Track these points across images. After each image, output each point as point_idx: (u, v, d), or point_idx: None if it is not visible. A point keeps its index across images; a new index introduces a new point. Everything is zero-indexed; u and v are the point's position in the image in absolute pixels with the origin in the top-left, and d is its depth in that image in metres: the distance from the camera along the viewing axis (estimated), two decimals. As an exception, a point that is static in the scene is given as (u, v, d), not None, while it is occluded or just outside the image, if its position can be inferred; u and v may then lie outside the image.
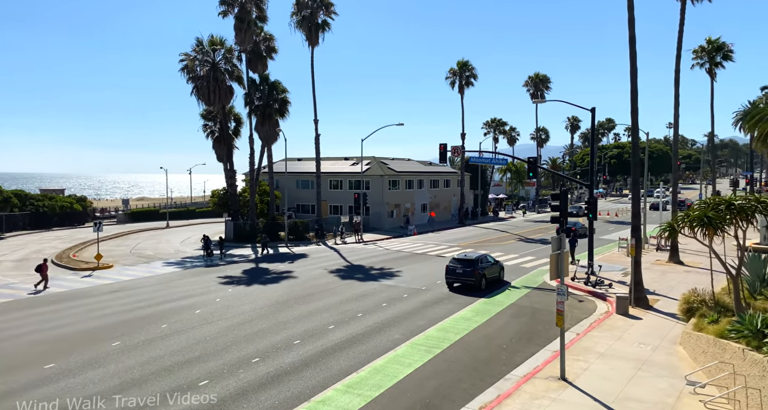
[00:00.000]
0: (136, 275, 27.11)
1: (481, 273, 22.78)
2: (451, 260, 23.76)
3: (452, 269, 23.27)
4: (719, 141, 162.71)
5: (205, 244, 32.63)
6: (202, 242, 33.06)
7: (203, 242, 33.02)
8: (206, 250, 32.43)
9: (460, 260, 23.32)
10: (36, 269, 23.93)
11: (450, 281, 23.47)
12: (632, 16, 19.75)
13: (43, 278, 23.68)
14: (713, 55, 45.74)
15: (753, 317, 11.69)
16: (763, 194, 47.34)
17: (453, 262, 23.52)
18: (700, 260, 27.28)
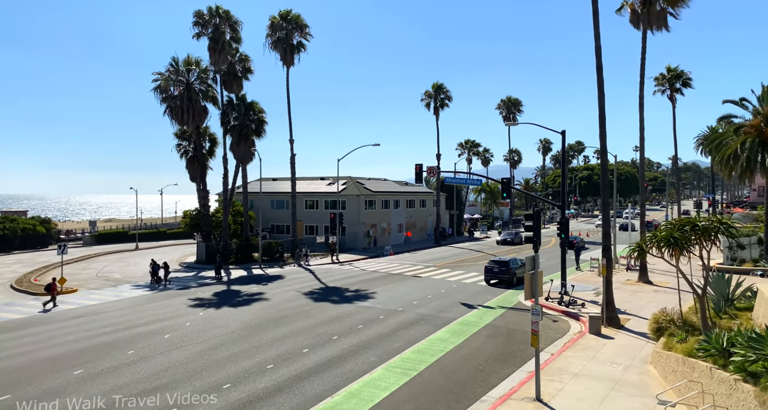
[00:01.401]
0: (102, 300, 26.17)
1: (513, 271, 28.37)
2: (489, 262, 29.81)
3: (490, 269, 28.99)
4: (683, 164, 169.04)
5: (153, 270, 30.59)
6: (150, 269, 30.93)
7: (151, 268, 30.90)
8: (154, 276, 30.41)
9: (496, 261, 29.32)
10: (45, 288, 25.54)
11: (488, 279, 29.08)
12: (599, 45, 20.59)
13: (52, 298, 24.77)
14: (673, 82, 47.96)
15: (719, 336, 12.00)
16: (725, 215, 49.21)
17: (490, 263, 29.43)
18: (668, 279, 28.00)
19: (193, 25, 40.26)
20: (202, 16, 40.15)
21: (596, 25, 20.41)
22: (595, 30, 20.46)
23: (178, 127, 41.65)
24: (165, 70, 39.23)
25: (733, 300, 17.53)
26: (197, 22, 40.14)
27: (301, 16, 42.60)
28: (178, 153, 44.38)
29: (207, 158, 43.85)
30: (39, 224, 53.96)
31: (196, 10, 40.29)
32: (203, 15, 40.17)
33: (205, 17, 40.13)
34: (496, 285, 28.65)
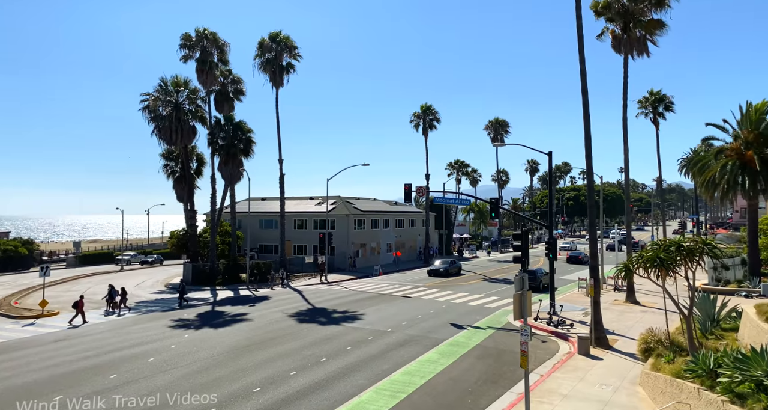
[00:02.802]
0: (87, 322, 25.56)
1: (539, 279, 33.51)
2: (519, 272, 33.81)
3: None
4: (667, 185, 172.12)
5: (110, 295, 28.77)
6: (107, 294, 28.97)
7: (108, 293, 28.95)
8: (110, 301, 28.66)
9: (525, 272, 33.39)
10: (73, 305, 25.85)
11: None
12: (584, 68, 21.13)
13: (79, 313, 25.50)
14: (656, 105, 49.20)
15: (706, 356, 12.06)
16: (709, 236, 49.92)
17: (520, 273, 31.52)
18: (655, 300, 28.17)
19: (180, 47, 40.62)
20: (189, 39, 40.53)
21: (581, 50, 20.98)
22: (580, 54, 21.03)
23: (166, 147, 41.59)
24: (153, 90, 39.39)
25: (718, 321, 17.69)
26: (184, 44, 40.51)
27: (291, 38, 43.21)
28: (165, 173, 44.19)
29: (195, 178, 43.70)
30: (21, 246, 53.00)
31: (184, 33, 40.72)
32: (190, 38, 40.57)
33: (192, 40, 40.53)
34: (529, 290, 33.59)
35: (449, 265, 43.63)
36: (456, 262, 45.10)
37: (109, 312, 28.47)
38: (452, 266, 43.80)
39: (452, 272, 43.30)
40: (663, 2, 27.23)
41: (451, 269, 43.19)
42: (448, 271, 42.80)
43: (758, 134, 28.86)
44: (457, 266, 44.74)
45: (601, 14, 28.16)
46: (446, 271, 42.62)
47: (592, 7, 28.05)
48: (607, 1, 27.68)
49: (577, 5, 20.93)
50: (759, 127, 28.95)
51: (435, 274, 42.47)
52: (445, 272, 42.55)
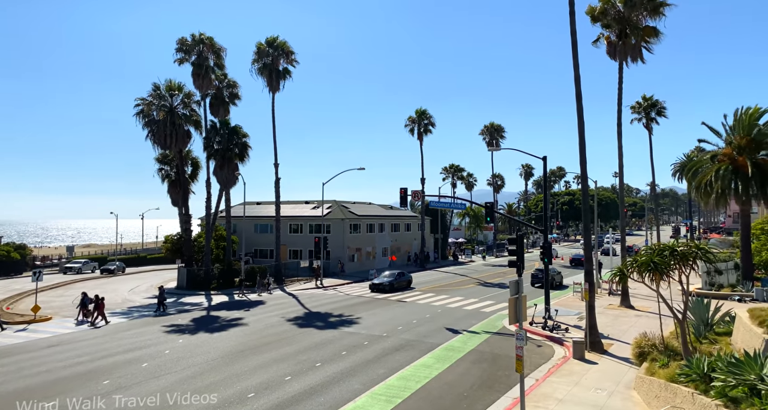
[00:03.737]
0: (78, 328, 25.38)
1: (553, 277, 35.93)
2: (534, 270, 39.59)
3: (535, 275, 38.55)
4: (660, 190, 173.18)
5: (82, 303, 27.19)
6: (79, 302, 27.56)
7: (80, 301, 27.46)
8: (83, 309, 27.07)
9: (540, 270, 37.62)
10: (94, 307, 26.35)
11: (533, 283, 38.14)
12: (578, 74, 21.30)
13: (100, 314, 26.11)
14: (649, 111, 49.65)
15: (700, 361, 12.11)
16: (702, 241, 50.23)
17: (535, 271, 39.18)
18: (649, 304, 28.28)
19: (176, 51, 40.64)
20: (185, 43, 40.55)
21: (575, 56, 21.15)
22: (574, 60, 21.19)
23: (161, 151, 41.48)
24: (148, 94, 39.33)
25: (712, 325, 17.78)
26: (180, 48, 40.52)
27: (288, 43, 43.26)
28: (160, 177, 44.10)
29: (189, 182, 43.61)
30: (13, 251, 52.56)
31: (180, 38, 40.72)
32: (186, 42, 40.59)
33: (188, 44, 40.55)
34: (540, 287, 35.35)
35: (395, 278, 38.19)
36: (405, 275, 39.75)
37: (81, 320, 26.66)
38: (399, 279, 38.53)
39: (399, 286, 37.98)
40: (658, 10, 27.50)
41: (397, 283, 37.95)
42: (393, 285, 37.40)
43: (750, 140, 29.15)
44: (406, 280, 39.30)
45: (597, 20, 28.38)
46: (390, 285, 37.21)
47: (588, 13, 28.27)
48: (604, 8, 27.92)
49: (570, 11, 21.11)
50: (751, 132, 29.24)
51: (377, 289, 36.88)
52: (389, 286, 37.09)
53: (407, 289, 38.12)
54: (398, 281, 38.16)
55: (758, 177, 27.93)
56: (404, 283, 38.79)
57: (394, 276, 38.46)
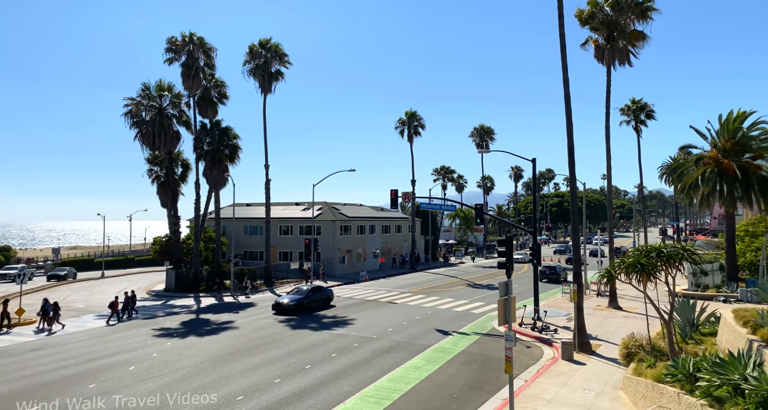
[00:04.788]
0: (64, 331, 25.04)
1: (558, 273, 42.57)
2: (542, 267, 41.50)
3: (543, 271, 41.32)
4: (648, 192, 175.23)
5: (43, 310, 25.60)
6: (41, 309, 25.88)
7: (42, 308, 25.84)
8: (44, 317, 25.50)
9: (547, 266, 43.81)
10: (109, 305, 27.59)
11: (541, 278, 38.46)
12: (566, 76, 21.47)
13: (114, 312, 27.02)
14: (637, 113, 50.21)
15: (685, 361, 12.25)
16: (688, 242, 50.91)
17: (543, 268, 42.30)
18: (637, 305, 28.58)
19: (165, 51, 40.18)
20: (175, 43, 40.06)
21: (564, 59, 21.33)
22: (563, 63, 21.37)
23: (150, 152, 41.11)
24: (137, 94, 38.98)
25: (698, 326, 18.00)
26: (170, 48, 40.03)
27: (281, 45, 43.15)
28: (150, 178, 43.73)
29: (179, 184, 43.25)
30: (-2, 252, 51.80)
31: (169, 37, 40.21)
32: (176, 42, 40.10)
33: (178, 44, 40.08)
34: (548, 282, 41.17)
35: (305, 296, 29.47)
36: (322, 290, 31.50)
37: (41, 328, 25.28)
38: (312, 297, 29.95)
39: (312, 305, 29.53)
40: (646, 14, 27.86)
41: (309, 301, 29.43)
42: (303, 305, 28.76)
43: (735, 143, 29.60)
44: (323, 297, 30.77)
45: (585, 23, 28.67)
46: (298, 305, 28.53)
47: (577, 16, 28.55)
48: (592, 11, 28.22)
49: (559, 14, 21.30)
50: (736, 136, 29.70)
51: (281, 310, 28.55)
52: (297, 306, 28.48)
53: (325, 307, 30.19)
54: (310, 299, 29.67)
55: (742, 180, 28.37)
56: (320, 301, 30.32)
57: (305, 294, 29.79)
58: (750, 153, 29.76)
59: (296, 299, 29.28)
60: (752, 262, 32.35)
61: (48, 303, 26.01)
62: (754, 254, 32.50)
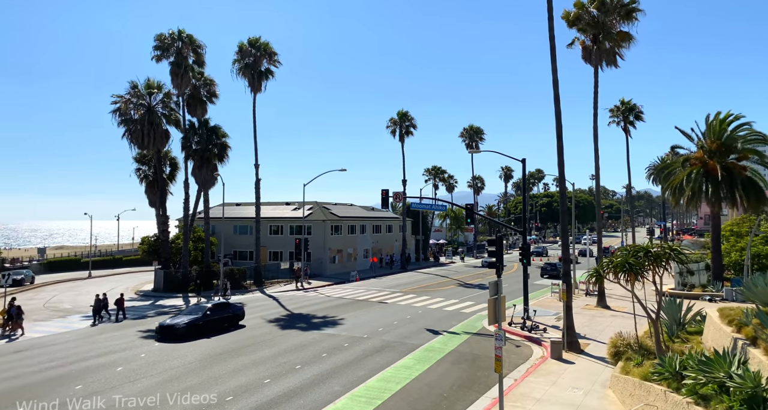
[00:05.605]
0: (49, 332, 24.70)
1: (559, 270, 40.68)
2: (544, 264, 47.45)
3: (545, 268, 46.24)
4: (636, 193, 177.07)
5: (8, 313, 24.22)
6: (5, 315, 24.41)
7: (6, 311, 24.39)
8: (6, 322, 24.35)
9: (548, 264, 46.90)
10: (115, 302, 28.13)
11: (543, 274, 45.42)
12: (556, 77, 21.63)
13: (120, 310, 27.70)
14: (627, 114, 50.73)
15: (672, 359, 12.41)
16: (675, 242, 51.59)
17: (545, 264, 47.10)
18: (625, 304, 28.89)
19: (153, 48, 39.59)
20: (163, 40, 39.44)
21: (553, 60, 21.49)
22: (553, 64, 21.53)
23: (138, 151, 40.68)
24: (125, 92, 38.55)
25: (684, 324, 18.24)
26: (159, 45, 39.45)
27: (270, 44, 42.90)
28: (138, 178, 43.28)
29: (167, 183, 42.86)
30: (-18, 251, 50.90)
31: (158, 34, 39.57)
32: (165, 39, 39.48)
33: (166, 41, 39.47)
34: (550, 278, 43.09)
35: (202, 316, 23.21)
36: (230, 308, 25.22)
37: (3, 334, 24.01)
38: (211, 316, 23.62)
39: (211, 327, 23.35)
40: (631, 15, 28.15)
41: (207, 323, 23.20)
42: (199, 327, 22.79)
43: (721, 144, 30.02)
44: (226, 316, 24.51)
45: (572, 25, 28.90)
46: (192, 328, 22.53)
47: (564, 17, 28.76)
48: (578, 13, 28.45)
49: (549, 16, 21.45)
50: (722, 137, 30.13)
51: (167, 335, 22.26)
52: (190, 329, 22.42)
53: (232, 328, 24.36)
54: (209, 319, 23.42)
55: (727, 180, 28.79)
56: (223, 321, 24.22)
57: (202, 313, 23.39)
58: (735, 154, 30.20)
59: (189, 320, 22.93)
60: (737, 261, 32.84)
61: (12, 307, 24.42)
62: (739, 253, 33.00)
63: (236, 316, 25.53)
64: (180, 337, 22.29)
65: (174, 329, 22.53)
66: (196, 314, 23.77)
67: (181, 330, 22.52)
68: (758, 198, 28.84)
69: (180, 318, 23.46)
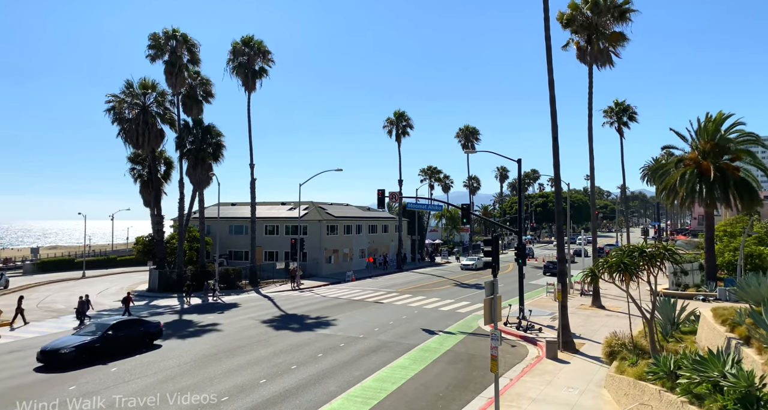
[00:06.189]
0: (42, 332, 24.51)
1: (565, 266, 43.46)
2: (547, 262, 48.36)
3: (547, 266, 46.90)
4: (630, 193, 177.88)
5: None
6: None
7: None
8: None
9: (550, 262, 46.68)
10: (122, 301, 29.04)
11: (545, 272, 46.29)
12: (552, 78, 21.69)
13: (126, 309, 28.22)
14: (620, 115, 50.92)
15: (666, 359, 12.47)
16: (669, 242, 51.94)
17: (547, 263, 47.89)
18: (620, 304, 29.01)
19: (148, 47, 39.20)
20: (157, 40, 39.06)
21: (549, 61, 21.55)
22: (549, 65, 21.59)
23: (132, 150, 40.49)
24: (120, 91, 38.33)
25: (678, 324, 18.34)
26: (153, 45, 39.09)
27: (264, 43, 42.81)
28: (132, 177, 43.11)
29: (162, 183, 42.69)
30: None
31: (152, 33, 39.08)
32: (159, 38, 39.12)
33: (161, 40, 39.12)
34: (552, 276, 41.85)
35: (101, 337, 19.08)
36: (142, 324, 21.17)
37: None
38: (112, 336, 19.44)
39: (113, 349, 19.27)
40: (625, 16, 28.24)
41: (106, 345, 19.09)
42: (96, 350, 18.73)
43: (714, 145, 30.22)
44: (134, 335, 20.31)
45: (567, 26, 28.97)
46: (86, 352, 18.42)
47: (559, 19, 28.84)
48: (572, 14, 28.52)
49: (545, 17, 21.52)
50: (715, 138, 30.32)
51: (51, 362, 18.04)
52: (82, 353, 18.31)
53: (143, 348, 20.25)
54: (109, 340, 19.22)
55: (721, 181, 28.98)
56: (130, 342, 19.97)
57: (101, 333, 19.30)
58: (728, 155, 30.40)
59: (80, 342, 18.58)
60: (730, 261, 33.05)
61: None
62: (732, 253, 33.21)
63: (147, 335, 20.99)
64: (66, 364, 17.77)
65: (57, 354, 17.98)
66: (92, 335, 19.14)
67: (67, 356, 17.96)
68: (751, 199, 29.06)
69: (69, 340, 18.98)
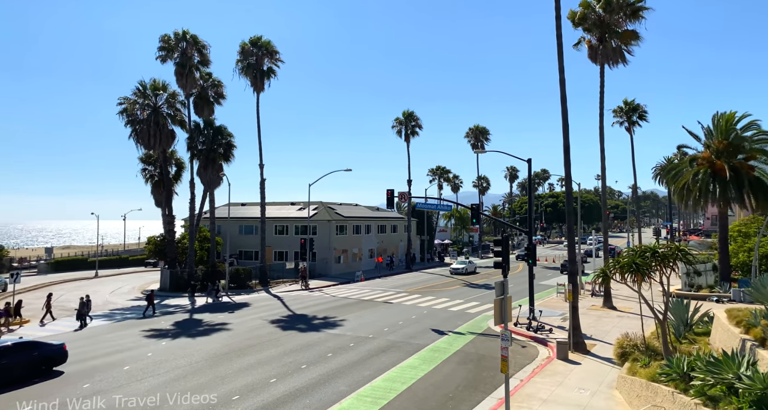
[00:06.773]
0: (57, 331, 24.88)
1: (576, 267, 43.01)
2: (563, 261, 45.95)
3: (564, 265, 44.78)
4: (642, 193, 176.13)
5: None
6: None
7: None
8: None
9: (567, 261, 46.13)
10: (146, 298, 29.93)
11: (562, 271, 43.90)
12: (563, 77, 21.53)
13: (150, 305, 29.35)
14: (630, 114, 50.48)
15: (680, 360, 12.33)
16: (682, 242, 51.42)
17: (564, 262, 44.96)
18: (631, 305, 28.73)
19: (158, 49, 39.59)
20: (168, 41, 39.41)
21: (560, 59, 21.40)
22: (560, 64, 21.44)
23: (144, 151, 40.90)
24: (131, 93, 38.74)
25: (691, 325, 18.13)
26: (163, 46, 39.42)
27: (272, 43, 43.02)
28: (144, 178, 43.52)
29: (173, 183, 43.06)
30: (-10, 251, 51.37)
31: (162, 35, 39.46)
32: (169, 40, 39.46)
33: (171, 42, 39.46)
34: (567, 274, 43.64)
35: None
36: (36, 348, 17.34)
37: None
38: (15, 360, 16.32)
39: None
40: (638, 14, 27.97)
41: None
42: None
43: (728, 144, 29.80)
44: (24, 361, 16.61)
45: (578, 25, 28.76)
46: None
47: (570, 18, 28.64)
48: (584, 12, 28.31)
49: (557, 15, 21.38)
50: (729, 137, 29.89)
51: None
52: None
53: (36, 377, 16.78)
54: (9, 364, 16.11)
55: (735, 180, 28.57)
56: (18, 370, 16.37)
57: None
58: (743, 154, 29.95)
59: None
60: (745, 262, 32.58)
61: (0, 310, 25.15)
62: (746, 254, 32.74)
63: (44, 360, 17.26)
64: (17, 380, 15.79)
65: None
66: None
67: None
68: (766, 198, 28.60)
69: None
